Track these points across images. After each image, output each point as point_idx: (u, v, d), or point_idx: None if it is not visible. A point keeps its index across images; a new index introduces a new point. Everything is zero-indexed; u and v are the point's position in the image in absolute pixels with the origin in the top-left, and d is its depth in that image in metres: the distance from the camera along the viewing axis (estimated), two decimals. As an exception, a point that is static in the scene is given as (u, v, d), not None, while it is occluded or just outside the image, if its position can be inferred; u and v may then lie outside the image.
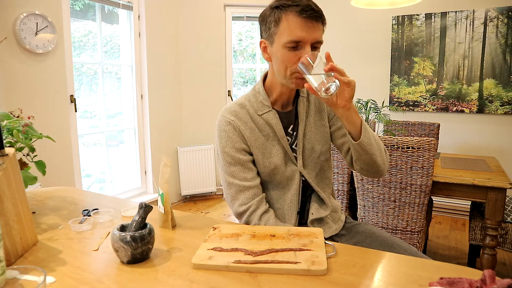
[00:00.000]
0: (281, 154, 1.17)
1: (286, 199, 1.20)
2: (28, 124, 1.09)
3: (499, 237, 2.00)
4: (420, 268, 0.82)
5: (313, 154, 1.20)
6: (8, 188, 0.84)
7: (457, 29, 3.27)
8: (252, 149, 1.16)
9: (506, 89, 3.14)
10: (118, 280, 0.79)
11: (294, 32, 1.02)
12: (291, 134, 1.19)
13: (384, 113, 2.35)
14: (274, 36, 1.06)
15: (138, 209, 0.90)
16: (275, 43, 1.07)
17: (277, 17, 1.04)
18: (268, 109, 1.16)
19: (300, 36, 1.01)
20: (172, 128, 3.82)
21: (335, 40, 3.85)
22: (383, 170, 1.14)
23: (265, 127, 1.16)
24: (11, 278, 0.68)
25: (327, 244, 0.93)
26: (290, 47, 1.03)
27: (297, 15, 1.01)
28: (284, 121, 1.18)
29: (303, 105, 1.20)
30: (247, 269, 0.81)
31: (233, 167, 1.15)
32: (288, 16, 1.02)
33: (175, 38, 3.75)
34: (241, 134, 1.14)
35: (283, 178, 1.19)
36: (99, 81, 3.25)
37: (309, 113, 1.21)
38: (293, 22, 1.01)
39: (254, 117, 1.16)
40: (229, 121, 1.15)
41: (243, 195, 1.15)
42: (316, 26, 1.02)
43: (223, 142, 1.15)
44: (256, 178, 1.17)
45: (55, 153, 2.68)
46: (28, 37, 2.44)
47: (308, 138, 1.20)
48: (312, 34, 1.02)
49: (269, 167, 1.17)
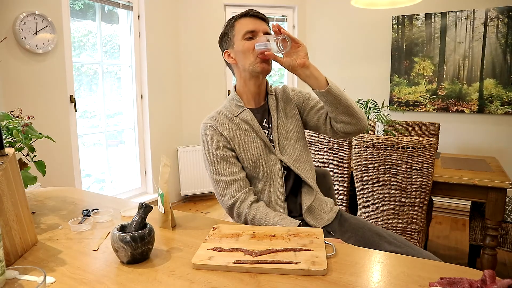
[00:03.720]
0: (261, 146, 1.27)
1: (273, 188, 1.27)
2: (28, 124, 1.09)
3: (499, 237, 2.00)
4: (420, 268, 0.82)
5: (289, 142, 1.31)
6: (8, 188, 0.84)
7: (457, 29, 3.27)
8: (233, 146, 1.26)
9: (507, 89, 3.14)
10: (118, 280, 0.78)
11: (247, 26, 1.24)
12: (266, 127, 1.30)
13: (384, 113, 2.35)
14: (233, 38, 1.26)
15: (138, 209, 0.90)
16: (235, 43, 1.26)
17: (232, 24, 1.27)
18: (242, 109, 1.29)
19: (252, 27, 1.23)
20: (172, 128, 3.81)
21: (336, 40, 3.85)
22: (363, 118, 1.24)
23: (242, 125, 1.28)
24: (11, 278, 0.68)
25: (327, 244, 0.93)
26: (247, 38, 1.23)
27: (245, 17, 1.26)
28: (258, 116, 1.30)
29: (273, 100, 1.33)
30: (247, 269, 0.81)
31: (218, 165, 1.24)
32: (239, 20, 1.27)
33: (175, 38, 3.75)
34: (221, 133, 1.26)
35: (266, 169, 1.26)
36: (99, 81, 3.25)
37: (279, 106, 1.34)
38: (244, 21, 1.26)
39: (231, 119, 1.29)
40: (208, 124, 1.27)
41: (230, 189, 1.22)
42: (262, 22, 1.26)
43: (206, 145, 1.26)
44: (240, 171, 1.25)
45: (55, 153, 2.68)
46: (28, 37, 2.44)
47: (282, 128, 1.31)
48: (260, 26, 1.25)
49: (252, 159, 1.25)
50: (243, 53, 1.24)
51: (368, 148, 1.98)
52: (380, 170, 1.97)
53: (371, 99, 2.40)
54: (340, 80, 3.84)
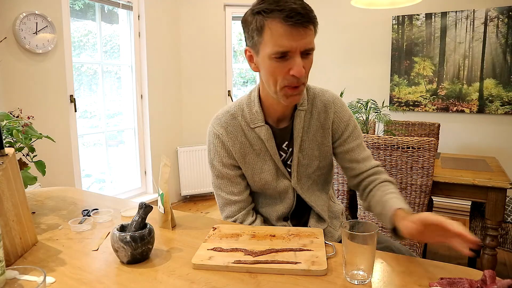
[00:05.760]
0: (272, 170, 1.11)
1: (278, 210, 1.16)
2: (27, 124, 1.09)
3: (499, 237, 2.00)
4: (420, 268, 0.82)
5: (308, 170, 1.14)
6: (8, 188, 0.84)
7: (457, 29, 3.27)
8: (241, 165, 1.11)
9: (507, 89, 3.14)
10: (118, 280, 0.78)
11: (279, 42, 0.90)
12: (285, 150, 1.12)
13: (384, 113, 2.35)
14: (259, 45, 0.95)
15: (138, 209, 0.90)
16: (261, 53, 0.95)
17: (260, 25, 0.92)
18: (261, 123, 1.07)
19: (287, 46, 0.90)
20: (172, 128, 3.81)
21: (335, 40, 3.84)
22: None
23: (256, 142, 1.09)
24: (11, 278, 0.68)
25: (327, 244, 0.93)
26: (277, 57, 0.92)
27: (281, 22, 0.88)
28: (278, 138, 1.10)
29: (300, 119, 1.09)
30: (247, 269, 0.81)
31: (220, 180, 1.13)
32: (271, 23, 0.90)
33: (175, 38, 3.75)
34: (229, 149, 1.09)
35: (275, 192, 1.14)
36: (99, 81, 3.25)
37: (310, 128, 1.11)
38: (278, 30, 0.89)
39: (245, 130, 1.09)
40: (218, 134, 1.09)
41: (229, 208, 1.14)
42: (305, 32, 0.90)
43: (211, 155, 1.12)
44: (243, 192, 1.14)
45: (55, 153, 2.68)
46: (27, 37, 2.44)
47: (305, 154, 1.12)
48: (300, 42, 0.90)
49: (259, 183, 1.13)
50: (270, 75, 0.96)
51: (368, 148, 1.98)
52: (380, 170, 1.97)
53: (371, 99, 2.40)
54: (340, 80, 3.85)
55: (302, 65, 0.92)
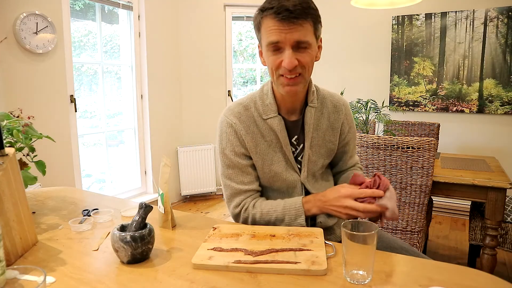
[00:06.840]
0: (282, 162, 1.14)
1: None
2: (28, 124, 1.09)
3: (499, 237, 2.00)
4: (420, 268, 0.82)
5: (315, 167, 1.18)
6: (8, 188, 0.84)
7: (457, 29, 3.27)
8: (252, 155, 1.13)
9: (506, 89, 3.14)
10: (118, 280, 0.78)
11: (270, 35, 0.99)
12: (294, 145, 1.15)
13: (384, 113, 2.35)
14: (261, 40, 1.06)
15: (138, 209, 0.90)
16: (262, 47, 1.06)
17: (258, 22, 1.03)
18: (274, 114, 1.11)
19: (276, 39, 0.98)
20: (172, 128, 3.81)
21: (335, 40, 3.84)
22: None
23: (268, 133, 1.12)
24: (11, 278, 0.68)
25: (327, 244, 0.93)
26: (271, 50, 1.01)
27: (272, 17, 0.97)
28: (289, 131, 1.14)
29: (311, 116, 1.14)
30: (247, 269, 0.81)
31: (231, 170, 1.14)
32: (265, 19, 1.00)
33: (175, 38, 3.75)
34: (242, 138, 1.11)
35: (283, 185, 1.16)
36: (99, 81, 3.25)
37: (319, 126, 1.16)
38: (269, 25, 0.99)
39: (258, 121, 1.12)
40: (231, 123, 1.11)
41: (238, 197, 1.14)
42: (294, 27, 0.96)
43: (223, 144, 1.13)
44: (253, 182, 1.15)
45: (55, 153, 2.68)
46: (28, 37, 2.44)
47: (314, 151, 1.16)
48: (289, 36, 0.97)
49: (269, 174, 1.14)
50: (268, 66, 1.05)
51: (368, 148, 1.98)
52: (380, 170, 1.97)
53: (371, 99, 2.40)
54: (340, 80, 3.85)
55: (292, 57, 0.98)
